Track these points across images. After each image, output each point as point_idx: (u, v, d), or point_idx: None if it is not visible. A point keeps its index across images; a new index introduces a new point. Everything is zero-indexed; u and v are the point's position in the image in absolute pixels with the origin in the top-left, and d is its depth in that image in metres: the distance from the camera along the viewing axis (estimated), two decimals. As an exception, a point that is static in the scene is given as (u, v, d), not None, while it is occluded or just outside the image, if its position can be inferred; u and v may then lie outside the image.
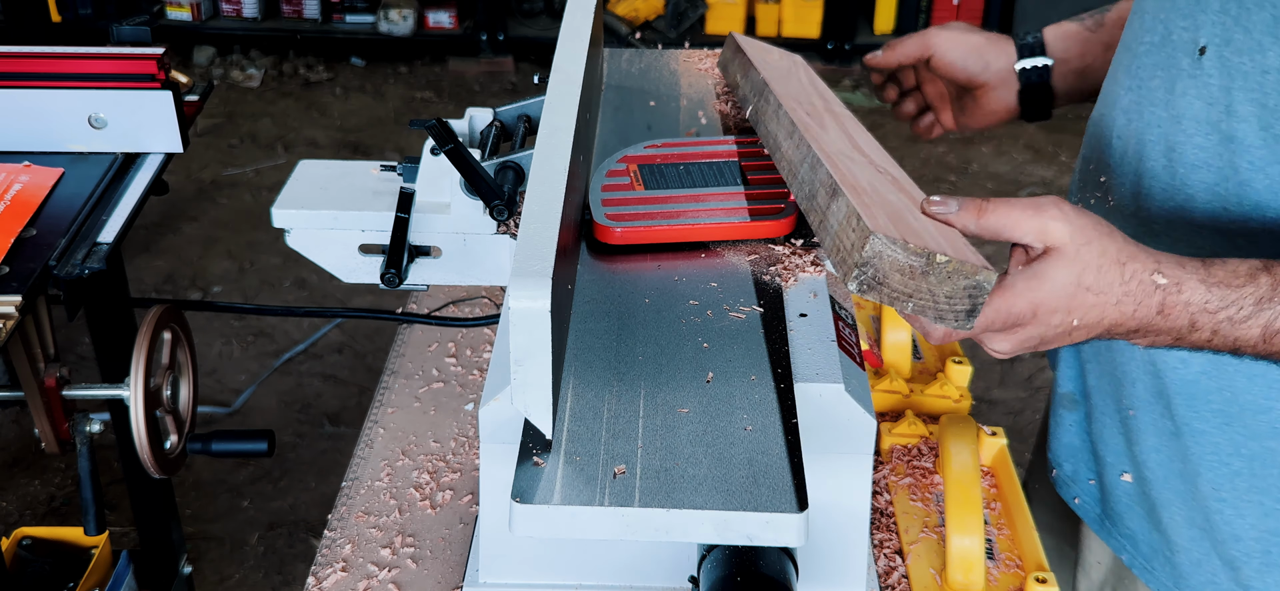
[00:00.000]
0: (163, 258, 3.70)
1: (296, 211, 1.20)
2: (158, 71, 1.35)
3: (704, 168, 1.17)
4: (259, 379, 3.11)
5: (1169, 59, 0.99)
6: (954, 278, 0.80)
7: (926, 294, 0.81)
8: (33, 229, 1.23)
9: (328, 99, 4.89)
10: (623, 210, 1.09)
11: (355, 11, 5.14)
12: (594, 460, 0.82)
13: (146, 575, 1.98)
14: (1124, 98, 1.06)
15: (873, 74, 1.43)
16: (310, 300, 3.46)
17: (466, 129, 1.27)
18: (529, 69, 5.12)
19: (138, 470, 1.54)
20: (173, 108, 1.37)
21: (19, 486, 2.73)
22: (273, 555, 2.58)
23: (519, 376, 0.78)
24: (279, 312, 3.09)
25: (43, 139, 1.37)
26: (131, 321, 1.76)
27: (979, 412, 1.42)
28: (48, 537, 1.87)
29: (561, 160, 0.90)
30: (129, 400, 1.31)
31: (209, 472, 2.77)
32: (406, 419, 1.37)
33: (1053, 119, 1.31)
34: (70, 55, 1.36)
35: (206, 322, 3.26)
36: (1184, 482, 1.08)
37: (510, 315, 0.76)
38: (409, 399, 1.41)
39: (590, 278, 1.03)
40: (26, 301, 1.13)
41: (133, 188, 1.34)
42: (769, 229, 1.08)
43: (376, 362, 3.13)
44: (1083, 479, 1.23)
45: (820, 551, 0.99)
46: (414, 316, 1.54)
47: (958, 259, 0.80)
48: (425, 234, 1.20)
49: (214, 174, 4.22)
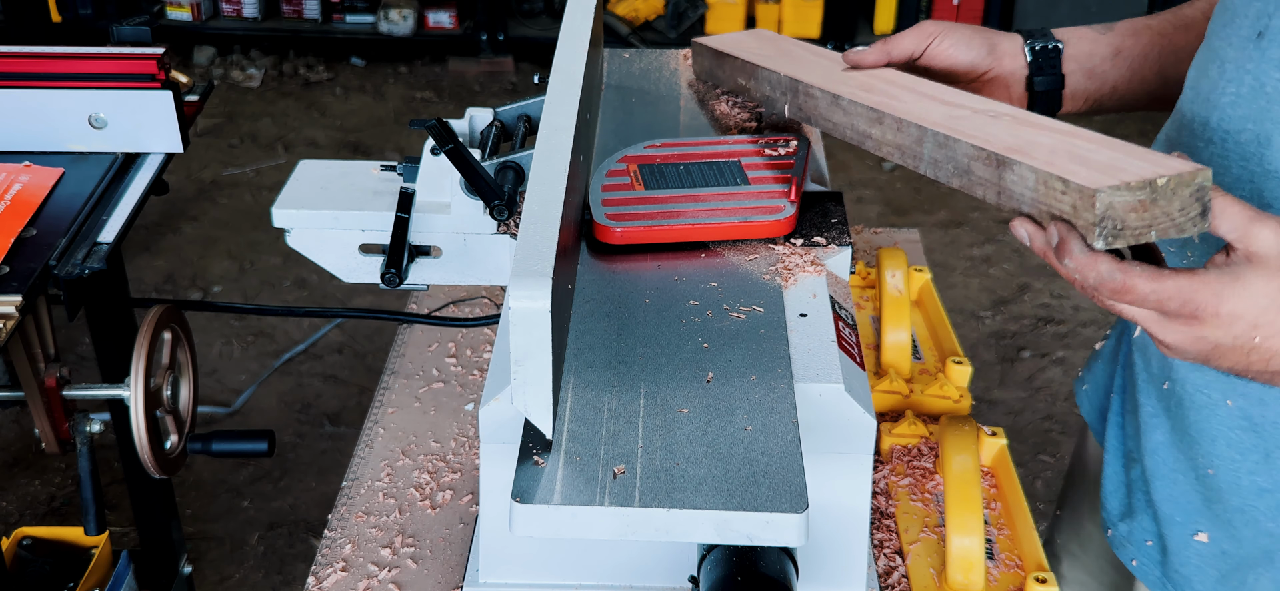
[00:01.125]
0: (163, 257, 3.70)
1: (297, 211, 1.20)
2: (158, 71, 1.35)
3: (704, 167, 1.17)
4: (259, 379, 3.11)
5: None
6: (1178, 190, 0.81)
7: (1162, 216, 0.81)
8: (33, 229, 1.24)
9: (328, 99, 4.89)
10: (623, 210, 1.09)
11: (355, 11, 5.14)
12: (594, 460, 0.82)
13: (146, 575, 1.98)
14: (1228, 90, 0.99)
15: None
16: (310, 300, 3.46)
17: (466, 129, 1.27)
18: (529, 69, 5.12)
19: (138, 470, 1.54)
20: (173, 108, 1.37)
21: (19, 486, 2.73)
22: (273, 555, 2.58)
23: (519, 376, 0.78)
24: (279, 312, 3.09)
25: (43, 139, 1.37)
26: (131, 321, 1.76)
27: (979, 413, 1.42)
28: (48, 537, 1.87)
29: (561, 160, 0.90)
30: (129, 400, 1.31)
31: (209, 472, 2.77)
32: (407, 419, 1.37)
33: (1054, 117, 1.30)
34: (70, 55, 1.36)
35: (207, 322, 3.26)
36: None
37: (510, 315, 0.76)
38: (409, 399, 1.41)
39: (590, 278, 1.03)
40: (27, 301, 1.13)
41: (133, 188, 1.34)
42: (769, 229, 1.08)
43: (376, 362, 3.14)
44: (1139, 540, 1.16)
45: (820, 551, 0.99)
46: (414, 316, 1.54)
47: (1171, 173, 0.81)
48: (425, 234, 1.20)
49: (214, 174, 4.22)
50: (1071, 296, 3.48)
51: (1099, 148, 0.88)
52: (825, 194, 1.19)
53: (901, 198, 4.06)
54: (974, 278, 3.59)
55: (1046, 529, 1.46)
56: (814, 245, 1.09)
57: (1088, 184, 0.81)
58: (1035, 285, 3.55)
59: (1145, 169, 0.82)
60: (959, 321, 3.37)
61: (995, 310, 3.44)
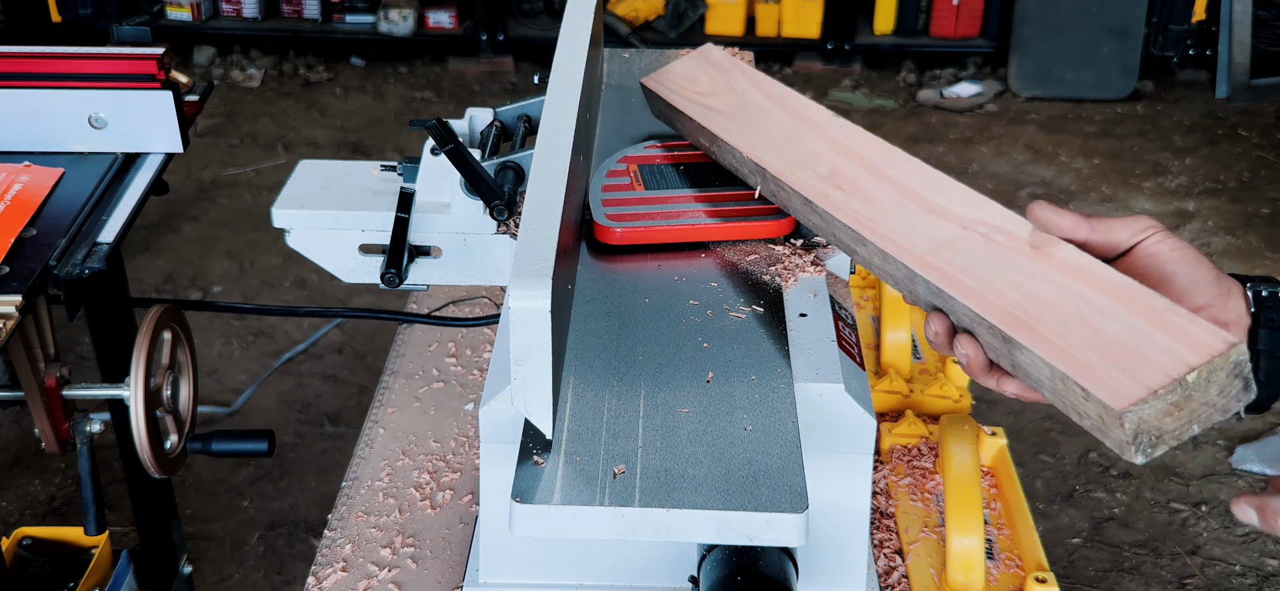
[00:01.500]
0: (163, 257, 3.70)
1: (297, 211, 1.20)
2: (158, 71, 1.35)
3: (704, 168, 1.16)
4: (259, 379, 3.10)
5: None
6: (1213, 377, 0.71)
7: (1202, 407, 0.72)
8: (33, 229, 1.23)
9: (328, 99, 4.89)
10: (623, 210, 1.09)
11: (355, 11, 5.14)
12: (594, 460, 0.81)
13: (146, 575, 1.98)
14: None
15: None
16: (310, 300, 3.45)
17: (467, 129, 1.27)
18: (529, 69, 5.12)
19: (138, 470, 1.54)
20: (173, 108, 1.37)
21: (19, 486, 2.73)
22: (273, 555, 2.58)
23: (519, 376, 0.78)
24: (279, 312, 3.09)
25: (43, 139, 1.37)
26: (131, 321, 1.76)
27: (979, 412, 1.42)
28: (48, 537, 1.87)
29: (562, 160, 0.90)
30: (129, 400, 1.31)
31: (209, 472, 2.77)
32: (407, 419, 1.37)
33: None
34: (70, 55, 1.35)
35: (207, 322, 3.26)
36: None
37: (510, 315, 0.76)
38: (409, 399, 1.41)
39: (590, 277, 1.03)
40: (27, 301, 1.13)
41: (133, 188, 1.34)
42: (769, 229, 1.08)
43: (376, 362, 3.13)
44: None
45: (820, 551, 0.99)
46: (414, 316, 1.54)
47: (1201, 362, 0.71)
48: (425, 234, 1.20)
49: (214, 174, 4.22)
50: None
51: (1114, 307, 0.77)
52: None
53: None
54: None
55: None
56: (814, 245, 1.09)
57: (1111, 403, 0.71)
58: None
59: (1171, 361, 0.71)
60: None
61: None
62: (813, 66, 5.07)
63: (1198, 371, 0.70)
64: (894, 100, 4.83)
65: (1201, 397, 0.71)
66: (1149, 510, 2.62)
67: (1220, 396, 0.72)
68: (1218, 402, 0.72)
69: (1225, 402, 0.72)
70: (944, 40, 4.96)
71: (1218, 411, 0.72)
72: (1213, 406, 0.72)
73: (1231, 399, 0.72)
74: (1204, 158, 4.32)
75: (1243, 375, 0.72)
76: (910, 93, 4.88)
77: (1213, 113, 4.68)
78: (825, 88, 4.92)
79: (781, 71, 5.08)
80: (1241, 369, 0.72)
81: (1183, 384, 0.70)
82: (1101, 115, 4.58)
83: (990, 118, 4.60)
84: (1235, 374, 0.72)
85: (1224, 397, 0.72)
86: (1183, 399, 0.71)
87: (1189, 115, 4.65)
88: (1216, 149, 4.39)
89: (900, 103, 4.81)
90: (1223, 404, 0.72)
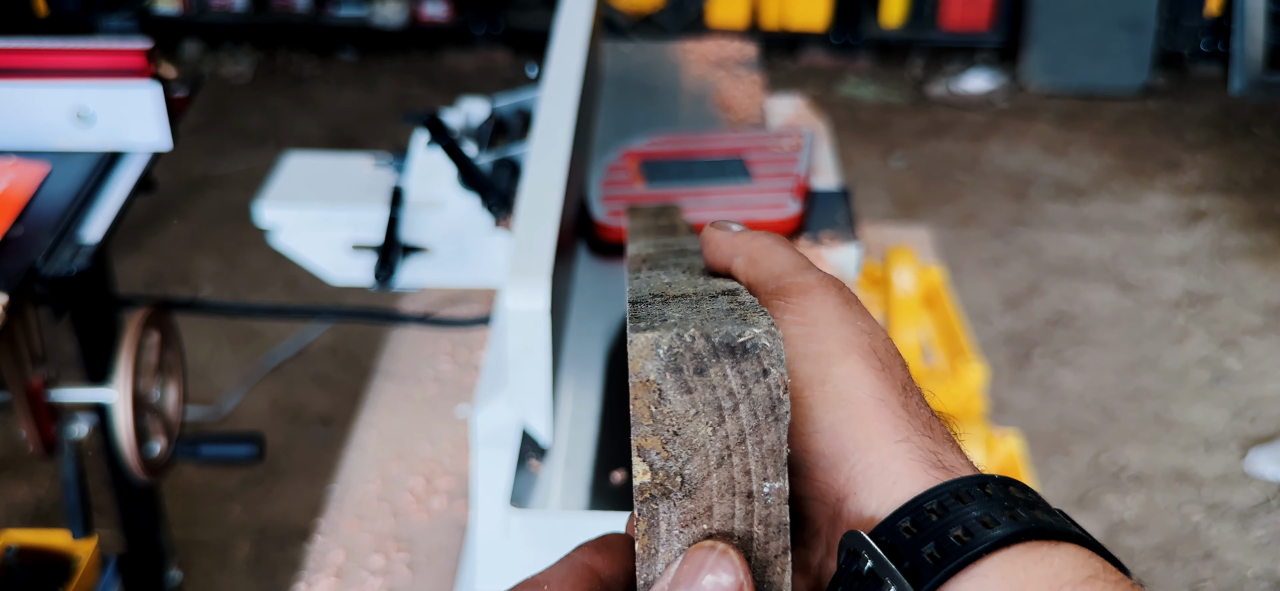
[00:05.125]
0: (150, 256, 3.66)
1: (284, 208, 1.17)
2: (146, 65, 1.32)
3: (706, 163, 1.14)
4: (249, 381, 3.07)
5: None
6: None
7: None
8: (19, 227, 1.20)
9: (319, 93, 4.85)
10: (623, 207, 1.07)
11: (347, 3, 5.10)
12: (592, 465, 0.79)
13: (134, 582, 1.95)
14: None
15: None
16: (301, 300, 3.42)
17: (461, 122, 1.24)
18: (526, 61, 5.09)
19: (124, 475, 1.51)
20: (161, 103, 1.34)
21: (5, 491, 2.69)
22: (263, 562, 2.55)
23: (515, 379, 0.76)
24: (269, 313, 3.06)
25: (28, 135, 1.34)
26: (117, 322, 1.73)
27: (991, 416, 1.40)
28: (34, 544, 1.84)
29: (559, 155, 0.88)
30: (115, 403, 1.28)
31: (198, 477, 2.74)
32: (399, 422, 1.35)
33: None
34: (56, 49, 1.33)
35: (195, 323, 3.22)
36: None
37: (506, 316, 0.73)
38: (402, 401, 1.38)
39: (590, 276, 1.01)
40: (13, 302, 1.10)
41: (120, 185, 1.31)
42: (772, 226, 1.06)
43: (369, 364, 3.10)
44: None
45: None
46: (407, 317, 1.51)
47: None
48: (418, 231, 1.17)
49: (203, 170, 4.19)
50: (1084, 297, 3.47)
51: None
52: (832, 190, 1.16)
53: (910, 193, 4.03)
54: (983, 277, 3.57)
55: None
56: (817, 244, 1.07)
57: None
58: (1047, 285, 3.53)
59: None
60: (968, 322, 3.34)
61: (1005, 310, 3.41)
62: (818, 59, 5.03)
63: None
64: (902, 94, 4.79)
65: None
66: (1162, 515, 2.59)
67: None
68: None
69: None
70: (954, 33, 4.92)
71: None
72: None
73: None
74: (1218, 154, 4.30)
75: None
76: (919, 86, 4.85)
77: (1226, 108, 4.66)
78: (831, 81, 4.87)
79: (787, 65, 5.04)
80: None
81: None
82: (1114, 111, 4.55)
83: (1001, 112, 4.56)
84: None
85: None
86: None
87: (1202, 110, 4.63)
88: (1230, 145, 4.37)
89: (908, 96, 4.77)
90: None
